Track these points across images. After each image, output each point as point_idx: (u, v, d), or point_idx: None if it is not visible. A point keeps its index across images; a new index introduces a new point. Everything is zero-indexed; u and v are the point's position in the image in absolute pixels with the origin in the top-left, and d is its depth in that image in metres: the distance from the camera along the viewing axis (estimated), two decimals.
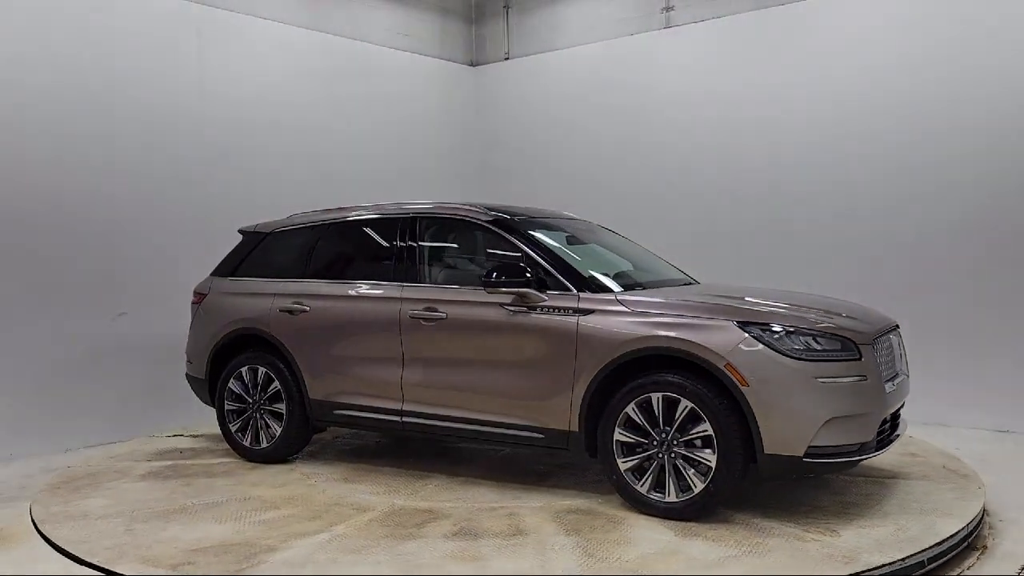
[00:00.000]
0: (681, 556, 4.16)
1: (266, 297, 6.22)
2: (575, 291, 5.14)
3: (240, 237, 6.80)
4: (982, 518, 4.79)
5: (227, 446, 6.42)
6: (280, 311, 6.09)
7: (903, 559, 4.09)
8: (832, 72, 7.95)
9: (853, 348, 4.64)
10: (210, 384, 6.46)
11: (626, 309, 4.94)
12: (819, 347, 4.59)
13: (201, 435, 7.18)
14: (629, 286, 5.43)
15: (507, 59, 10.29)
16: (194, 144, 7.78)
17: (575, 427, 5.02)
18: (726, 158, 8.55)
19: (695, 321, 4.74)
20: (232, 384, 6.27)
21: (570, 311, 5.06)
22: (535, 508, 4.97)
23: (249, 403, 6.21)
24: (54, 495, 5.43)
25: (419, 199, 6.38)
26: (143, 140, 7.42)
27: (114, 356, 7.25)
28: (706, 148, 8.68)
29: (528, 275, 5.16)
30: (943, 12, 7.38)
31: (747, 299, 5.03)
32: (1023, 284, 7.08)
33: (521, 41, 10.10)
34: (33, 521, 4.95)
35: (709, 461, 4.60)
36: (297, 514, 4.94)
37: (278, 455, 6.13)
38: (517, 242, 5.47)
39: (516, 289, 5.17)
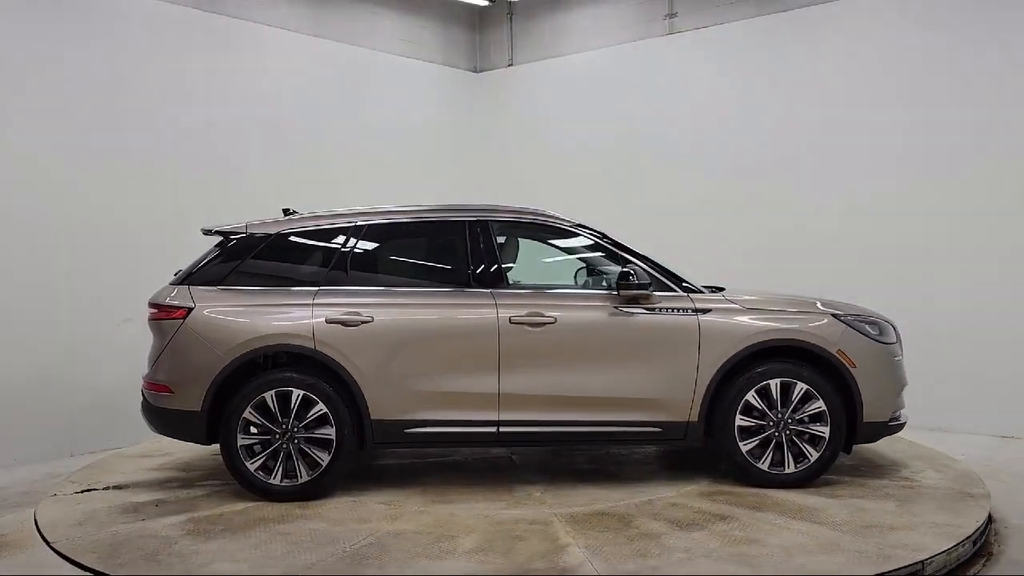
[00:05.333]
0: (874, 511, 4.92)
1: (301, 307, 5.37)
2: (681, 291, 5.55)
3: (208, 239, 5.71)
4: (987, 524, 4.89)
5: (191, 491, 5.56)
6: (329, 322, 5.32)
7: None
8: (834, 77, 8.13)
9: (894, 332, 5.85)
10: (209, 418, 5.32)
11: (739, 307, 5.53)
12: (885, 333, 5.71)
13: (125, 485, 5.76)
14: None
15: (511, 65, 10.05)
16: (199, 149, 7.97)
17: (695, 417, 5.43)
18: (728, 163, 8.68)
19: (803, 316, 5.54)
20: (249, 414, 5.27)
21: (689, 311, 5.46)
22: (682, 496, 5.27)
23: (277, 434, 5.29)
24: (141, 567, 4.15)
25: (448, 203, 6.04)
26: (149, 145, 7.63)
27: None
28: (708, 153, 8.80)
29: (650, 278, 5.44)
30: (944, 17, 7.59)
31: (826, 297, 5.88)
32: None
33: (524, 48, 9.78)
34: None
35: (823, 433, 5.42)
36: (493, 537, 4.56)
37: (320, 489, 5.33)
38: (610, 247, 5.66)
39: (643, 291, 5.40)
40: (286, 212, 6.06)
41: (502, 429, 5.41)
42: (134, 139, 7.54)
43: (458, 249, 5.62)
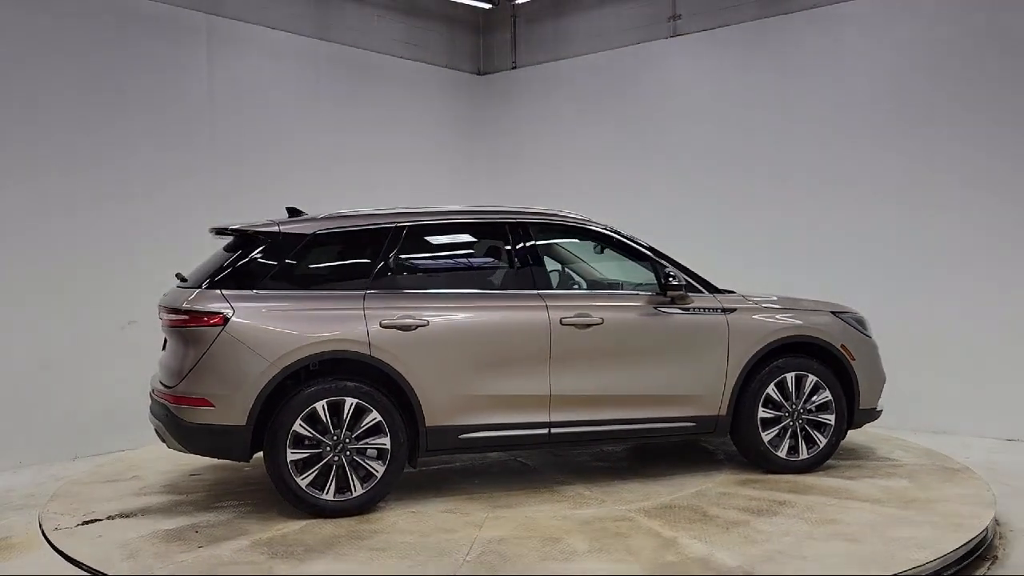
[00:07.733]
0: (898, 488, 5.44)
1: (352, 312, 5.09)
2: (706, 292, 5.85)
3: (229, 239, 5.31)
4: (993, 528, 4.90)
5: (215, 515, 5.12)
6: (384, 327, 5.09)
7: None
8: (838, 79, 8.11)
9: (867, 327, 6.49)
10: (254, 431, 4.92)
11: (757, 306, 5.91)
12: (867, 327, 6.32)
13: (129, 513, 5.17)
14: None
15: (514, 68, 9.78)
16: (203, 151, 7.97)
17: (724, 411, 5.75)
18: (731, 166, 8.66)
19: (811, 313, 6.02)
20: (299, 427, 4.93)
21: (719, 310, 5.77)
22: (723, 486, 5.55)
23: (328, 447, 4.98)
24: None
25: (446, 204, 5.98)
26: (151, 146, 7.60)
27: None
28: (712, 156, 8.78)
29: (686, 279, 5.70)
30: (950, 18, 7.56)
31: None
32: None
33: (528, 50, 9.38)
34: None
35: (830, 421, 5.93)
36: (595, 536, 4.59)
37: (371, 503, 5.09)
38: (642, 248, 5.84)
39: (683, 292, 5.64)
40: (291, 212, 5.73)
41: (553, 431, 5.43)
42: (136, 140, 7.51)
43: (506, 251, 5.58)
